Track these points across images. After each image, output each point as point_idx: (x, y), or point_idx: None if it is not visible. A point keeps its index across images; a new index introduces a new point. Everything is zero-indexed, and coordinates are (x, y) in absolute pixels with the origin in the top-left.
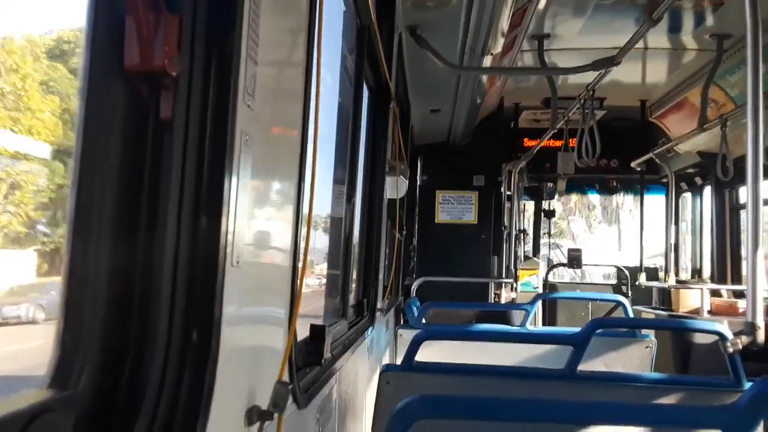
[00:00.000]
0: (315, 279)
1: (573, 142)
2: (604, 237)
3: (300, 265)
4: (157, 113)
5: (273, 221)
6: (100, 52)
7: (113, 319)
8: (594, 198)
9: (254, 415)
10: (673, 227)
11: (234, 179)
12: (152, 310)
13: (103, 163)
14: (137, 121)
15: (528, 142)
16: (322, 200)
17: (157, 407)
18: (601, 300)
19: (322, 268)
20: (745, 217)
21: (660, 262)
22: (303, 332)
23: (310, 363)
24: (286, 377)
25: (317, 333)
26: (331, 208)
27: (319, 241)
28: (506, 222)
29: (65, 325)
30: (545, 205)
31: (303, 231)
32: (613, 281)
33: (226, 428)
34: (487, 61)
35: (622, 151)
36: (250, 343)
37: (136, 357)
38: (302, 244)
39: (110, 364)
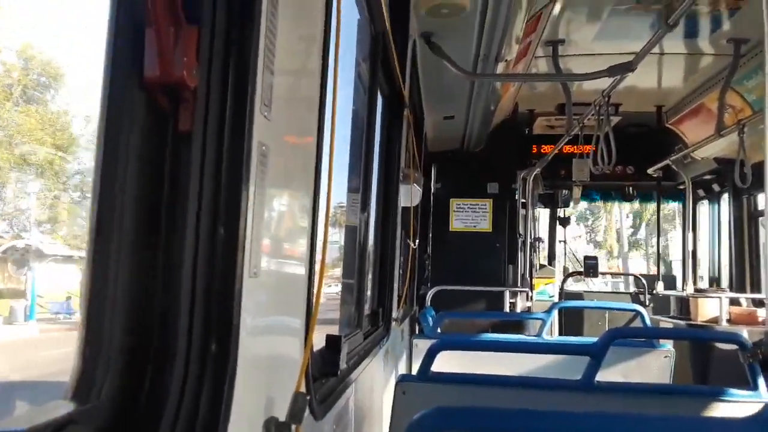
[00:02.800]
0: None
1: (588, 149)
2: None
3: (316, 275)
4: (176, 125)
5: (289, 231)
6: (120, 64)
7: (133, 330)
8: None
9: (272, 426)
10: (690, 235)
11: (252, 190)
12: (172, 322)
13: (123, 175)
14: (157, 133)
15: (543, 149)
16: (336, 209)
17: (177, 419)
18: (618, 309)
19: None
20: (763, 224)
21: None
22: (318, 343)
23: (326, 374)
24: (303, 388)
25: (333, 343)
26: (346, 218)
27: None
28: (521, 230)
29: (86, 337)
30: (560, 212)
31: (319, 241)
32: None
33: None
34: (501, 68)
35: (638, 158)
36: (268, 354)
37: (156, 368)
38: (318, 255)
39: (131, 376)
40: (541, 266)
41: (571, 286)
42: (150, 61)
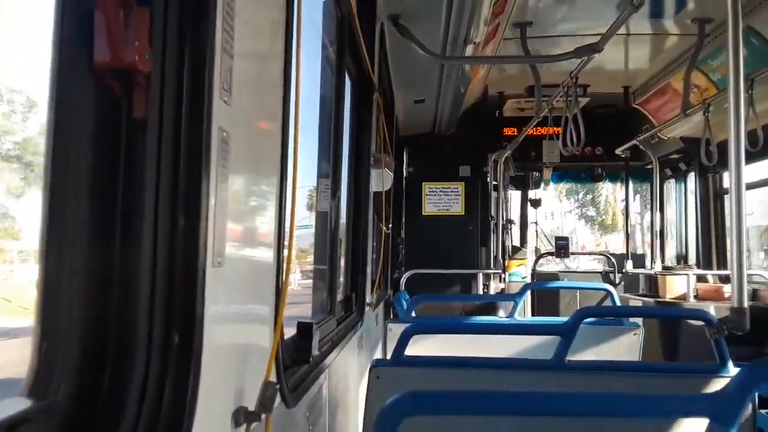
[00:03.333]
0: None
1: (558, 131)
2: None
3: (284, 262)
4: (129, 111)
5: (255, 218)
6: (68, 49)
7: (92, 324)
8: None
9: (241, 416)
10: (658, 214)
11: (212, 177)
12: (131, 314)
13: (75, 165)
14: (109, 120)
15: (513, 132)
16: (307, 195)
17: (140, 413)
18: (588, 289)
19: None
20: (728, 201)
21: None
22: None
23: (298, 361)
24: (273, 377)
25: (304, 330)
26: (316, 203)
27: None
28: (493, 212)
29: (42, 331)
30: (531, 194)
31: (286, 227)
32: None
33: (212, 431)
34: (470, 50)
35: (606, 139)
36: (236, 344)
37: (117, 362)
38: (286, 241)
39: (90, 370)
40: (516, 248)
41: (555, 266)
42: (100, 46)
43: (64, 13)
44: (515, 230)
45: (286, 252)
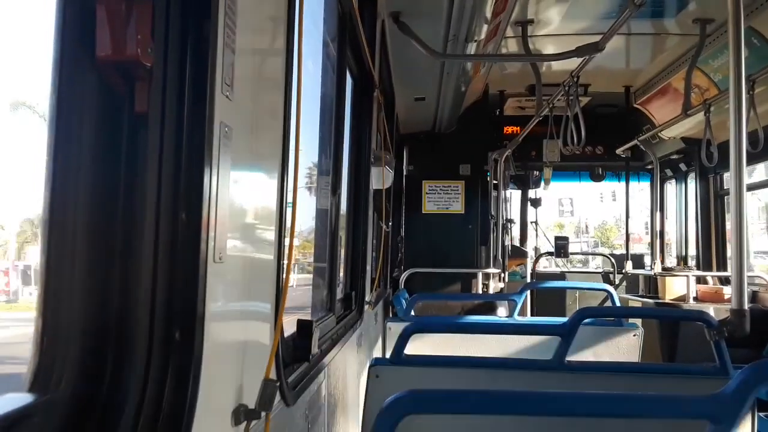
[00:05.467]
0: None
1: (558, 130)
2: None
3: (285, 259)
4: (131, 105)
5: (256, 215)
6: (70, 42)
7: (93, 320)
8: None
9: (241, 414)
10: (658, 214)
11: (214, 172)
12: (133, 310)
13: (77, 159)
14: (112, 114)
15: (513, 130)
16: (307, 191)
17: (141, 409)
18: (587, 289)
19: None
20: (729, 203)
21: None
22: (291, 328)
23: (297, 359)
24: (273, 375)
25: (304, 328)
26: (316, 201)
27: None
28: (493, 211)
29: (43, 327)
30: (531, 193)
31: (287, 224)
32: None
33: (213, 429)
34: (471, 48)
35: (607, 138)
36: (236, 341)
37: (118, 358)
38: (287, 238)
39: (91, 367)
40: (515, 248)
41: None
42: (102, 40)
43: (66, 7)
44: (515, 229)
45: (287, 249)
